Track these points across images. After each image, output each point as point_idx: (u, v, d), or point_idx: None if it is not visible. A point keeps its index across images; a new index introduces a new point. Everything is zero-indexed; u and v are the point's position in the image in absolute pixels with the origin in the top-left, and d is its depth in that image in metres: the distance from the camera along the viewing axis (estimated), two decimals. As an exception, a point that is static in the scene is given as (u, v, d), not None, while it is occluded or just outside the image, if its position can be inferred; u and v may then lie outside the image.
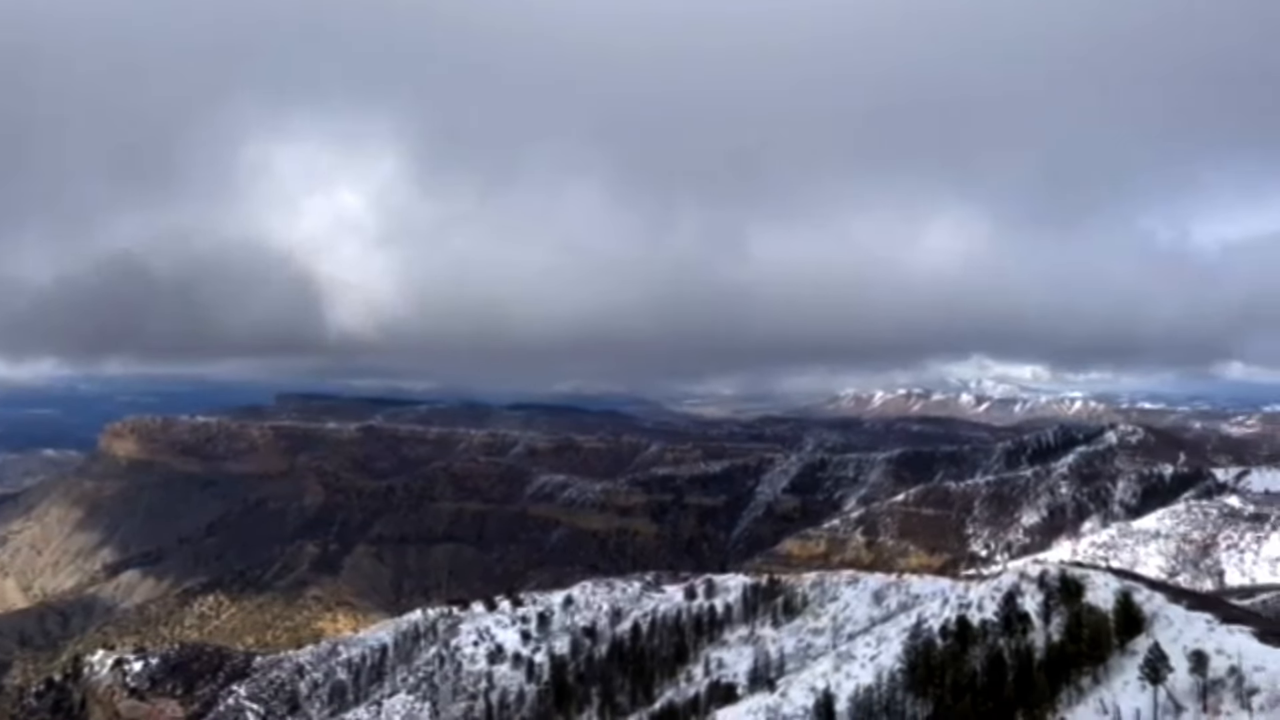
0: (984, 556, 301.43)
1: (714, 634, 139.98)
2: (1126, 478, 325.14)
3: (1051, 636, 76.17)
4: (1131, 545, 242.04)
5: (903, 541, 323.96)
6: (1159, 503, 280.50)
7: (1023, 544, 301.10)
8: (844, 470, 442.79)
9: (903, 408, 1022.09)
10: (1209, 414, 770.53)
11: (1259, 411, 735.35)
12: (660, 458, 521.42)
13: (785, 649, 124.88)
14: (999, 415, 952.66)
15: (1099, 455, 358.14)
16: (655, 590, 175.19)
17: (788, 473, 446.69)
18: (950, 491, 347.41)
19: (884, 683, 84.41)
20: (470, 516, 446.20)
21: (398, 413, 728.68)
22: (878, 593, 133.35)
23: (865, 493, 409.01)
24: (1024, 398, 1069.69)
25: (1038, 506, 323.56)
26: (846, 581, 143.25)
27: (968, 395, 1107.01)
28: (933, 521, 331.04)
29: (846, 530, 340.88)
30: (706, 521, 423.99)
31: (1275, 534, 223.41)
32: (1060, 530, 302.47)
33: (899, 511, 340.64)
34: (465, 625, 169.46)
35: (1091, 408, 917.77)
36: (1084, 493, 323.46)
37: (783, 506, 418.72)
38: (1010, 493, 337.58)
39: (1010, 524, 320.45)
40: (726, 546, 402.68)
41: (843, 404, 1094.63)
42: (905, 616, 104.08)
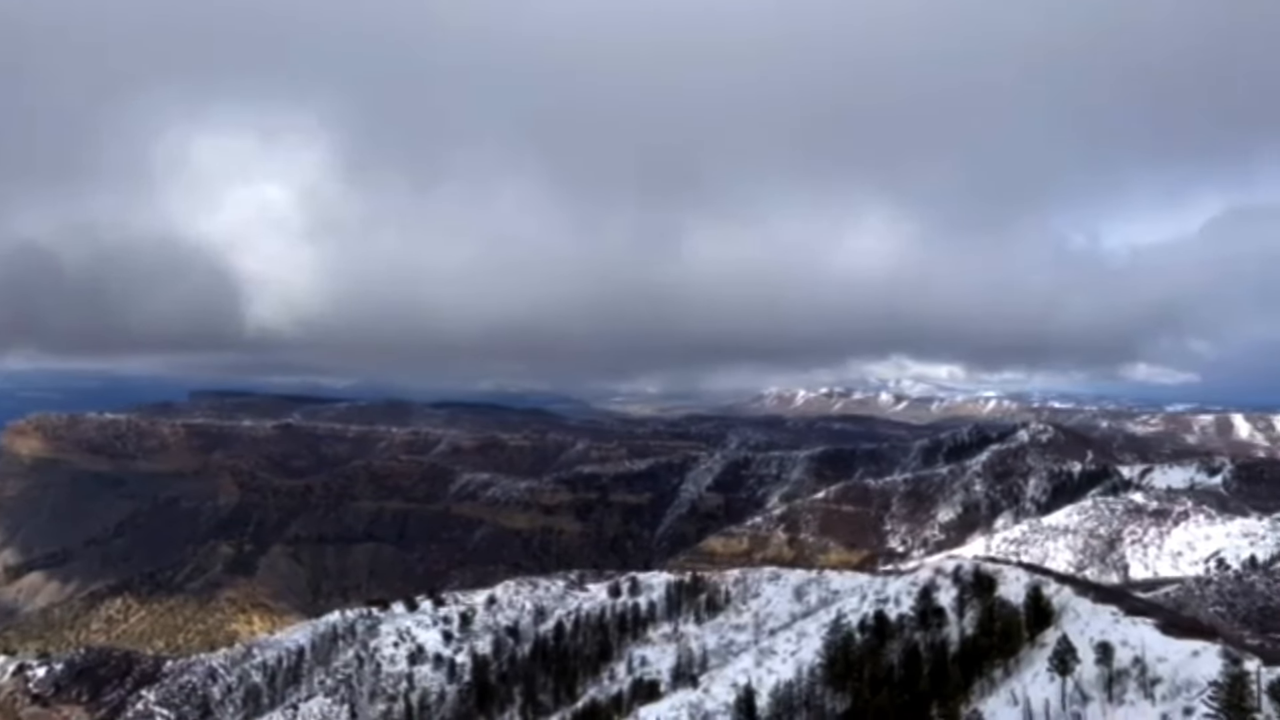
0: (901, 552, 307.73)
1: (638, 632, 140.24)
2: (1037, 475, 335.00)
3: (965, 630, 78.18)
4: (1042, 540, 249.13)
5: (823, 538, 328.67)
6: (1068, 499, 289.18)
7: (939, 540, 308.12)
8: (767, 468, 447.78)
9: (824, 406, 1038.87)
10: (1115, 413, 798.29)
11: (1162, 411, 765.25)
12: (585, 456, 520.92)
13: (708, 646, 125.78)
14: (917, 414, 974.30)
15: (1011, 453, 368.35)
16: (579, 589, 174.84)
17: (712, 471, 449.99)
18: (870, 489, 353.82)
19: (804, 677, 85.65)
20: (391, 516, 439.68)
21: (316, 410, 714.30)
22: (799, 589, 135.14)
23: (788, 490, 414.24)
24: (941, 396, 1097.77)
25: (953, 503, 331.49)
26: (768, 578, 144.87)
27: (887, 394, 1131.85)
28: (852, 518, 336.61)
29: (769, 527, 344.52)
30: (631, 519, 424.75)
31: (1177, 529, 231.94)
32: (974, 526, 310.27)
33: (820, 508, 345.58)
34: (385, 626, 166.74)
35: (1005, 406, 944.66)
36: (997, 490, 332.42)
37: (707, 504, 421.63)
38: (927, 490, 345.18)
39: (927, 520, 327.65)
40: (651, 544, 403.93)
41: (767, 402, 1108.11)
42: (825, 612, 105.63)
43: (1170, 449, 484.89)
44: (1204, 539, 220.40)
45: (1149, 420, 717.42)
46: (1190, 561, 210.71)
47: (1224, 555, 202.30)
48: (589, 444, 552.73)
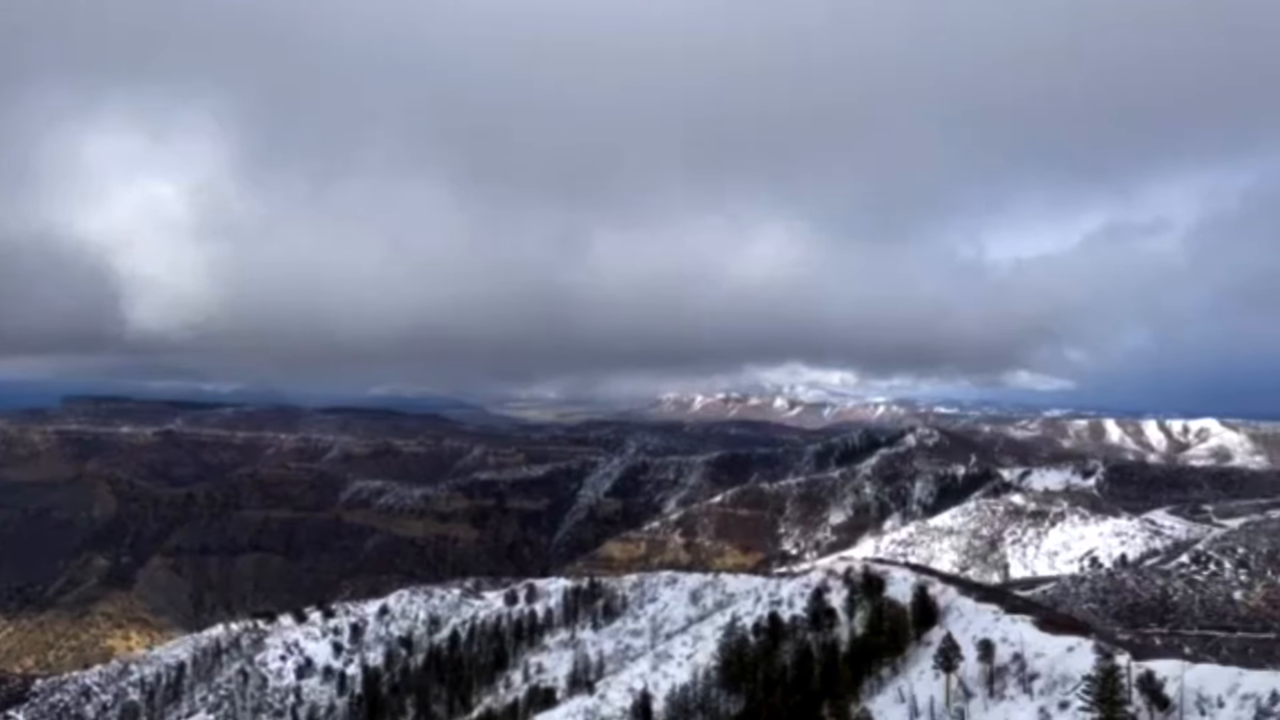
0: (795, 555, 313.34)
1: (534, 639, 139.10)
2: (924, 478, 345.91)
3: (855, 630, 79.92)
4: (928, 542, 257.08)
5: (720, 541, 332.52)
6: (952, 501, 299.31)
7: (830, 542, 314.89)
8: (664, 473, 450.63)
9: (721, 411, 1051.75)
10: (997, 418, 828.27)
11: (1040, 416, 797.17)
12: (482, 462, 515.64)
13: (605, 651, 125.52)
14: (810, 419, 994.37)
15: (900, 457, 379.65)
16: (475, 597, 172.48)
17: (610, 476, 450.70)
18: (764, 492, 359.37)
19: (699, 680, 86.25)
20: (279, 525, 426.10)
21: (200, 416, 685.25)
22: (695, 593, 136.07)
23: (685, 494, 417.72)
24: (833, 402, 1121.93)
25: (844, 506, 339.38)
26: (665, 582, 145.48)
27: (782, 399, 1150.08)
28: (748, 521, 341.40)
29: (666, 532, 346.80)
30: (529, 526, 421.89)
31: (1054, 529, 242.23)
32: (865, 528, 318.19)
33: (716, 512, 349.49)
34: (272, 639, 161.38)
35: (894, 412, 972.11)
36: (886, 492, 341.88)
37: (605, 509, 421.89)
38: (819, 493, 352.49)
39: (819, 523, 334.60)
40: (549, 550, 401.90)
41: (664, 407, 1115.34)
42: (721, 615, 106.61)
43: (1048, 453, 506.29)
44: (1079, 539, 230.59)
45: (1028, 425, 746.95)
46: (1066, 560, 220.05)
47: (1097, 554, 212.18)
48: (486, 450, 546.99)
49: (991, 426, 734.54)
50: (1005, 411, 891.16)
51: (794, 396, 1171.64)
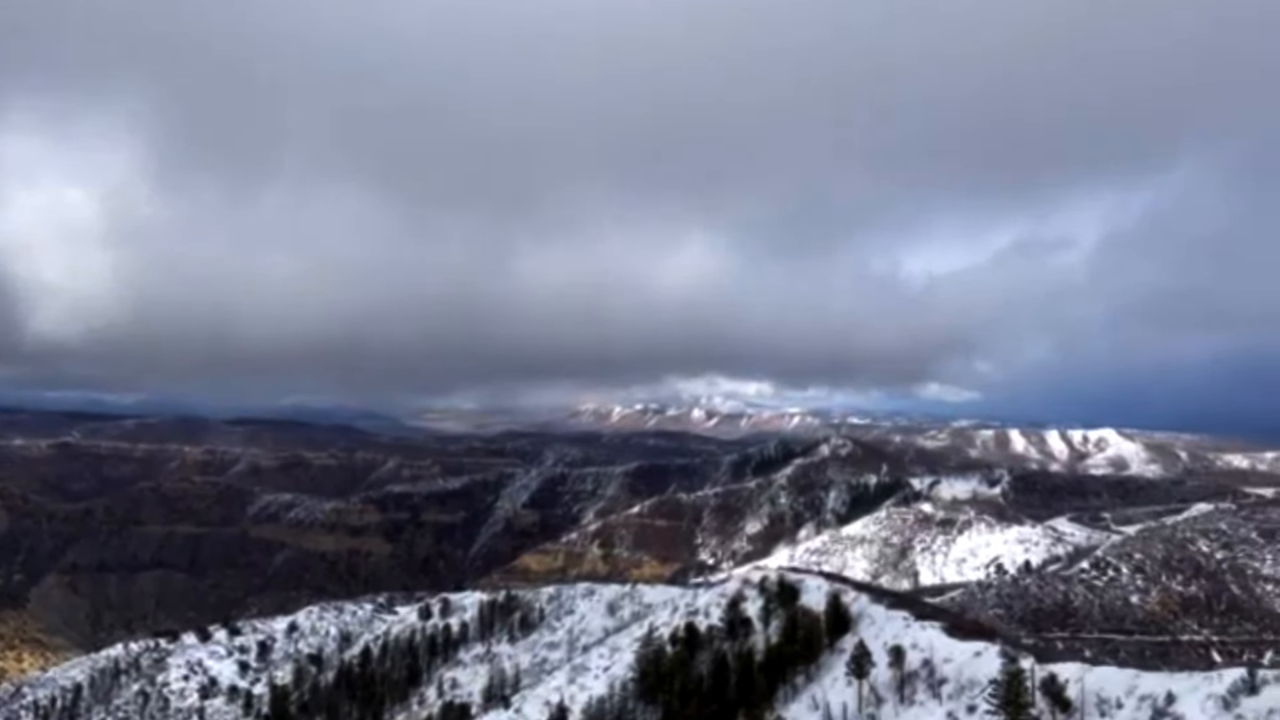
0: (712, 564, 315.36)
1: (449, 654, 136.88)
2: (838, 487, 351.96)
3: (770, 639, 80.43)
4: (841, 550, 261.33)
5: (637, 552, 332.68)
6: (865, 510, 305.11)
7: (747, 551, 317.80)
8: (583, 484, 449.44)
9: (640, 422, 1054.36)
10: (908, 428, 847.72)
11: (949, 426, 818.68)
12: (396, 474, 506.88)
13: (521, 665, 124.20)
14: (727, 429, 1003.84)
15: (814, 467, 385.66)
16: (388, 612, 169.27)
17: (528, 487, 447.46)
18: (682, 503, 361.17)
19: (616, 692, 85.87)
20: (182, 540, 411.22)
21: (99, 428, 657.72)
22: (612, 604, 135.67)
23: (603, 505, 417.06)
24: (750, 412, 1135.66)
25: (760, 515, 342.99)
26: (583, 594, 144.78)
27: (699, 410, 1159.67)
28: (665, 532, 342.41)
29: (584, 543, 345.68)
30: (444, 539, 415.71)
31: (961, 537, 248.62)
32: (780, 537, 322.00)
33: (634, 523, 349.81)
34: (174, 659, 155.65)
35: (808, 422, 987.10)
36: (801, 502, 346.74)
37: (522, 521, 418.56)
38: (736, 503, 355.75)
39: (736, 532, 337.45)
40: (464, 564, 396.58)
41: (583, 418, 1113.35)
42: (638, 626, 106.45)
43: (956, 462, 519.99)
44: (985, 545, 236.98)
45: (938, 435, 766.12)
46: (973, 567, 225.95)
47: (1002, 561, 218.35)
48: (400, 462, 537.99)
49: (902, 436, 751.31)
50: (916, 422, 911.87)
51: (712, 407, 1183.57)
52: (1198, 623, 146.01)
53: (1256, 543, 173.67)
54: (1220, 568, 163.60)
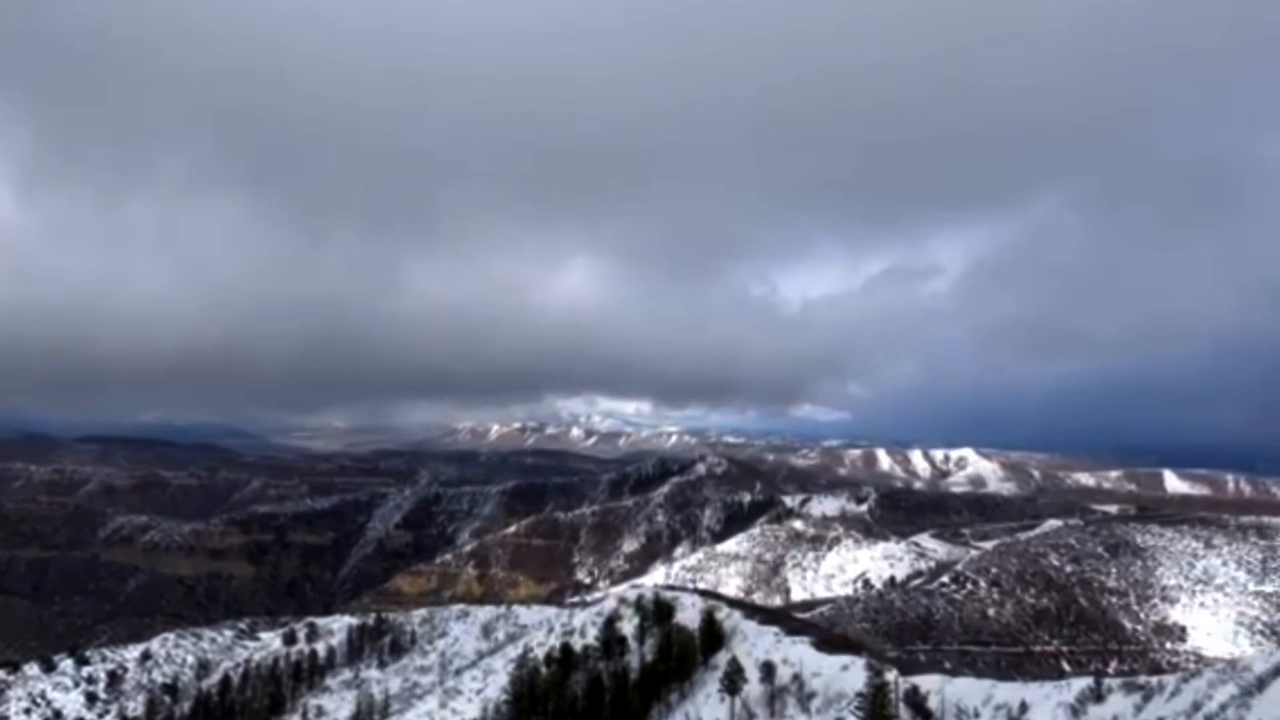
0: (589, 583, 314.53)
1: (315, 680, 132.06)
2: (713, 505, 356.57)
3: (646, 657, 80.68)
4: (716, 567, 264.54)
5: (513, 572, 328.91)
6: (739, 527, 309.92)
7: (624, 570, 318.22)
8: (458, 504, 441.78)
9: (518, 441, 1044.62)
10: (781, 447, 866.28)
11: (820, 445, 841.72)
12: (262, 494, 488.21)
13: (391, 690, 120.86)
14: (605, 448, 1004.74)
15: (690, 485, 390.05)
16: (250, 638, 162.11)
17: (401, 507, 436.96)
18: (559, 522, 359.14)
19: (489, 715, 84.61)
20: (26, 565, 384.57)
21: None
22: (487, 625, 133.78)
23: (479, 525, 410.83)
24: (628, 431, 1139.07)
25: (638, 534, 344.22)
26: (456, 616, 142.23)
27: (578, 429, 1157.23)
28: (542, 551, 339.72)
29: (459, 564, 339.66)
30: (311, 561, 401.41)
31: (831, 553, 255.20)
32: (657, 555, 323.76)
33: (511, 543, 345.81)
34: (15, 691, 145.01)
35: (685, 441, 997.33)
36: (677, 520, 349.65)
37: (395, 542, 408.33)
38: (614, 521, 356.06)
39: (613, 551, 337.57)
40: (333, 586, 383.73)
41: (460, 437, 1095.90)
42: (513, 647, 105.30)
43: (826, 480, 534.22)
44: (853, 561, 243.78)
45: (809, 454, 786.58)
46: (842, 582, 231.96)
47: (869, 576, 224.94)
48: (266, 481, 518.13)
49: (776, 455, 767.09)
50: (789, 441, 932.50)
51: (591, 426, 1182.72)
52: (1049, 634, 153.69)
53: (1102, 557, 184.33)
54: (1069, 581, 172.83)
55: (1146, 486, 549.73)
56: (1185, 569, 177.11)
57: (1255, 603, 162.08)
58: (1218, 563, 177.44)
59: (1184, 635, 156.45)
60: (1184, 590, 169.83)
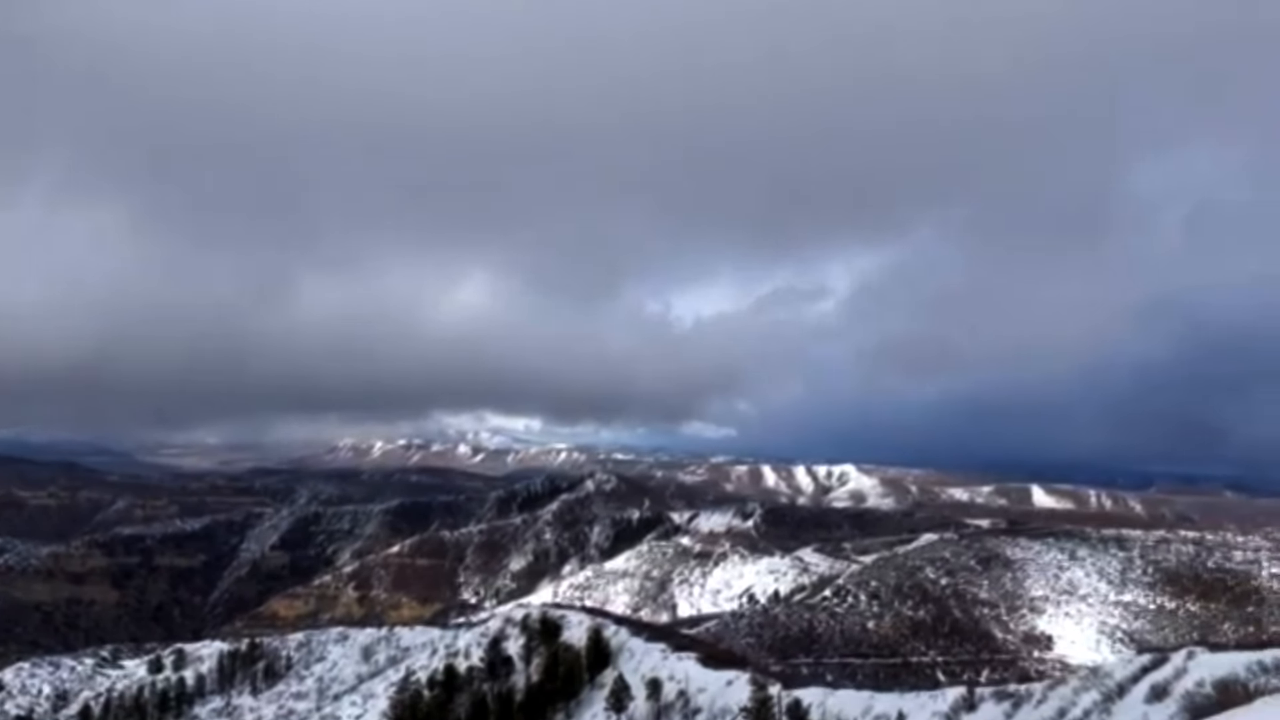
0: (474, 603, 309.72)
1: (183, 710, 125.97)
2: (601, 522, 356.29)
3: (532, 676, 79.76)
4: (603, 585, 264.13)
5: (396, 593, 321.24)
6: (627, 545, 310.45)
7: (510, 589, 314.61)
8: (339, 523, 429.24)
9: (402, 458, 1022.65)
10: (669, 464, 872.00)
11: (707, 462, 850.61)
12: (127, 515, 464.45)
13: (265, 717, 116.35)
14: (493, 465, 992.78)
15: (579, 502, 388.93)
16: (113, 666, 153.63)
17: (278, 528, 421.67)
18: (445, 541, 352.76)
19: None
20: None
21: None
22: (367, 648, 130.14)
23: (360, 545, 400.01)
24: (516, 448, 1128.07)
25: (525, 552, 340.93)
26: (335, 639, 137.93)
27: (465, 446, 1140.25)
28: (427, 571, 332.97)
29: (338, 585, 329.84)
30: (180, 585, 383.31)
31: (717, 569, 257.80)
32: (544, 574, 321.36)
33: (394, 563, 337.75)
34: None
35: (574, 458, 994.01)
36: (565, 537, 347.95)
37: (270, 564, 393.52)
38: (501, 540, 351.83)
39: (500, 570, 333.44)
40: (204, 611, 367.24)
41: (341, 454, 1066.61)
42: (394, 670, 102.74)
43: (713, 496, 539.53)
44: (739, 577, 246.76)
45: (697, 470, 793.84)
46: (727, 598, 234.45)
47: (754, 591, 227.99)
48: (132, 501, 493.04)
49: (665, 472, 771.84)
50: (677, 458, 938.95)
51: (478, 443, 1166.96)
52: (925, 645, 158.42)
53: (975, 569, 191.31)
54: (944, 593, 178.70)
55: (1016, 501, 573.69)
56: (1052, 580, 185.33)
57: (1115, 611, 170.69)
58: (1081, 574, 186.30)
59: (1050, 644, 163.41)
60: (1050, 600, 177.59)
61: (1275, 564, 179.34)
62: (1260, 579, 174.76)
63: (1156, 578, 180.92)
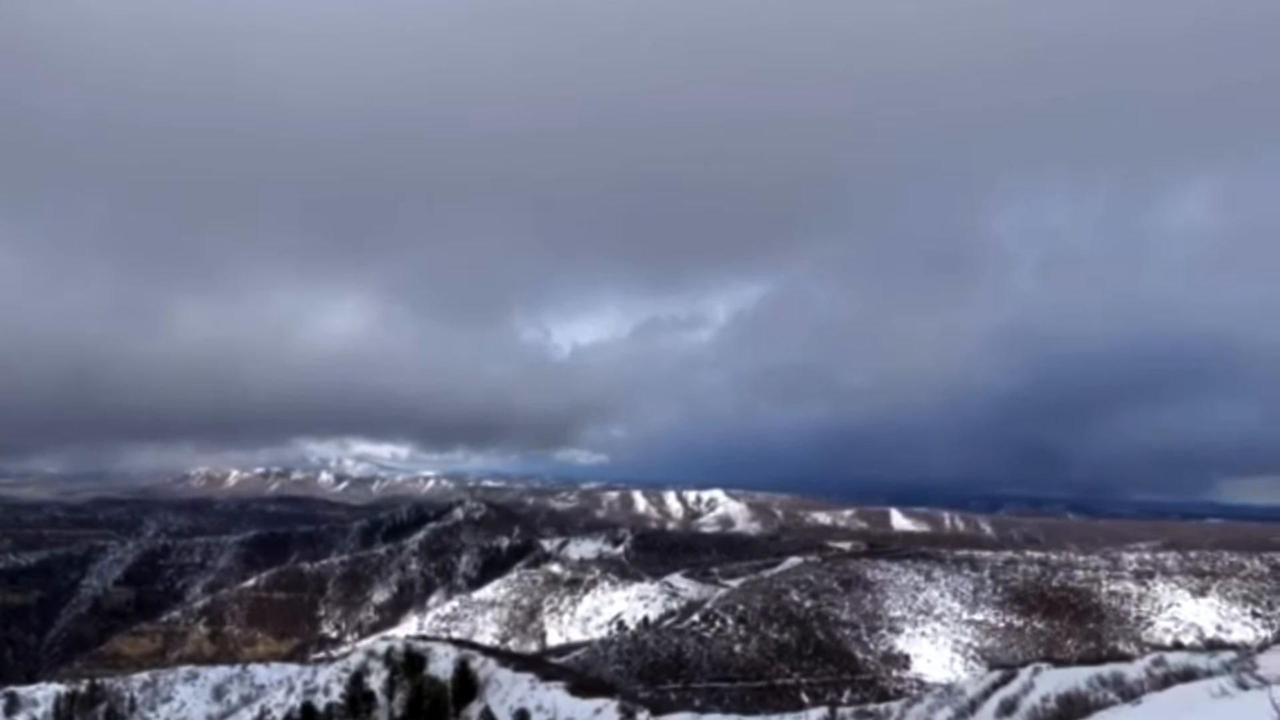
0: (335, 638, 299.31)
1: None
2: (470, 551, 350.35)
3: (395, 711, 77.56)
4: (472, 615, 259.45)
5: (251, 629, 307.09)
6: (496, 573, 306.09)
7: (374, 622, 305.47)
8: (190, 556, 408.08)
9: (260, 487, 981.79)
10: (541, 490, 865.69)
11: (579, 488, 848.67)
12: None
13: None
14: (357, 494, 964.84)
15: (447, 530, 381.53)
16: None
17: (122, 561, 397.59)
18: (304, 573, 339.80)
19: (219, 787, 78.18)
20: None
21: None
22: (219, 687, 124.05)
23: (213, 579, 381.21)
24: (382, 476, 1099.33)
25: (389, 583, 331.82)
26: (184, 678, 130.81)
27: (327, 474, 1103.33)
28: (285, 605, 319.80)
29: (188, 622, 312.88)
30: (14, 623, 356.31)
31: (587, 596, 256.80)
32: (410, 605, 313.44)
33: (249, 597, 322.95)
34: None
35: (443, 486, 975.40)
36: (432, 567, 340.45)
37: (114, 600, 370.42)
38: (364, 571, 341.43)
39: (362, 603, 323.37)
40: (39, 651, 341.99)
41: (193, 483, 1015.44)
42: (248, 710, 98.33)
43: (584, 523, 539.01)
44: (609, 604, 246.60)
45: (568, 497, 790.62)
46: (597, 625, 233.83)
47: (624, 617, 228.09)
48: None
49: (536, 499, 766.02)
50: (548, 484, 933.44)
51: (342, 471, 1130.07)
52: (790, 666, 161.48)
53: (837, 591, 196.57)
54: (808, 615, 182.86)
55: (876, 524, 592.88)
56: (909, 600, 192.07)
57: (968, 630, 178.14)
58: (936, 594, 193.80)
59: (908, 663, 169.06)
60: (908, 620, 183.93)
61: (1113, 582, 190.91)
62: (1099, 596, 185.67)
63: (1006, 597, 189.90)
